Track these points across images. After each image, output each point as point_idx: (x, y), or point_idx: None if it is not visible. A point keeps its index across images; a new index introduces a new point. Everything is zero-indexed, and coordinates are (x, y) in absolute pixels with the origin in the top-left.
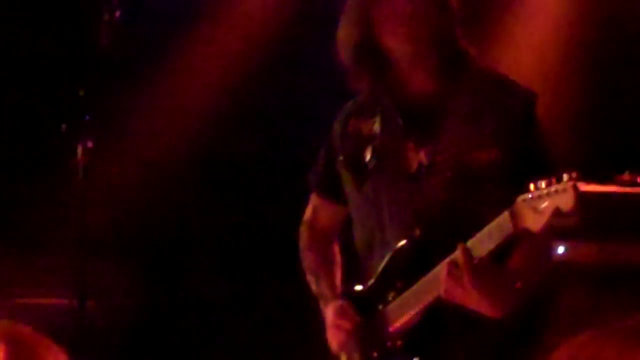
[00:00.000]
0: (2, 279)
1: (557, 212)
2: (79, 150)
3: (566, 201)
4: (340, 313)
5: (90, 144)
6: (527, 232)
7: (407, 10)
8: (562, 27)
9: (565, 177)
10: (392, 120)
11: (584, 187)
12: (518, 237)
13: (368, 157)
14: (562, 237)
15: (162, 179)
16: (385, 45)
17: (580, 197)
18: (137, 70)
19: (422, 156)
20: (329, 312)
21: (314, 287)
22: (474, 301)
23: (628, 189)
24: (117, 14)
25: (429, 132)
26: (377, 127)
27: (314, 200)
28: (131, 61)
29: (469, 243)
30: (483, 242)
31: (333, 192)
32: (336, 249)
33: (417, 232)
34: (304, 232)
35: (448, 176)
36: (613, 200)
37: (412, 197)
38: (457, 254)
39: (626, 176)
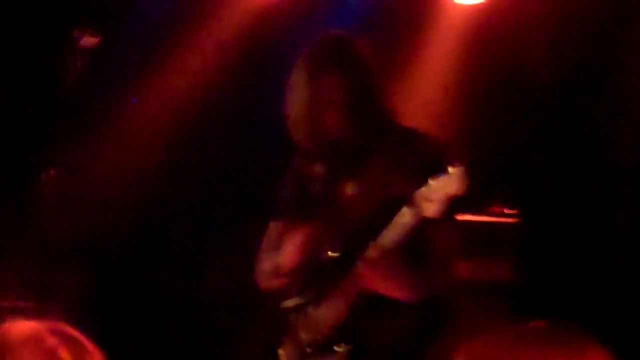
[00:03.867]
0: None
1: (446, 197)
2: (43, 176)
3: (453, 186)
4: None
5: (52, 171)
6: (425, 219)
7: (339, 99)
8: (449, 75)
9: (450, 168)
10: (332, 162)
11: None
12: (419, 226)
13: (313, 191)
14: None
15: (113, 200)
16: (324, 126)
17: (464, 181)
18: (96, 109)
19: (352, 188)
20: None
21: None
22: (388, 287)
23: (497, 219)
24: (79, 64)
25: (359, 170)
26: (321, 169)
27: (269, 229)
28: (91, 102)
29: (378, 239)
30: (389, 235)
31: (285, 213)
32: None
33: (340, 247)
34: (260, 256)
35: (371, 203)
36: (485, 226)
37: (340, 221)
38: (369, 250)
39: (496, 207)
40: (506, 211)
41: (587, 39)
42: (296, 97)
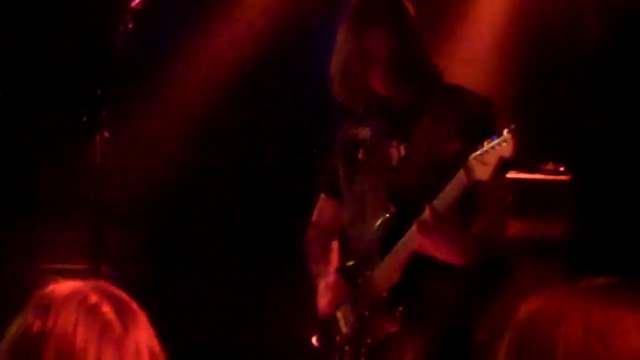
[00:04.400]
0: (28, 247)
1: (501, 160)
2: (97, 138)
3: (507, 149)
4: (332, 286)
5: (106, 134)
6: (479, 182)
7: (387, 54)
8: (499, 32)
9: (505, 131)
10: (380, 125)
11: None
12: (473, 188)
13: (360, 155)
14: None
15: (166, 162)
16: (371, 83)
17: (518, 143)
18: (146, 72)
19: (402, 150)
20: (322, 284)
21: (313, 269)
22: (442, 251)
23: (550, 177)
24: (130, 25)
25: (407, 132)
26: (368, 132)
27: (321, 201)
28: (141, 64)
29: (434, 202)
30: (444, 199)
31: (336, 192)
32: (335, 243)
33: (393, 209)
34: (310, 230)
35: (421, 164)
36: (538, 185)
37: (391, 183)
38: (425, 212)
39: (549, 166)
40: (560, 169)
41: None
42: (342, 54)
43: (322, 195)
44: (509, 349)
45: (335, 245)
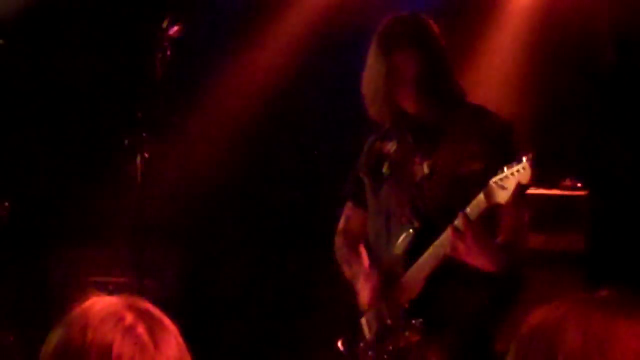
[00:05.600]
0: (77, 261)
1: (519, 186)
2: (138, 159)
3: (525, 176)
4: (372, 278)
5: (146, 155)
6: (498, 205)
7: (413, 74)
8: (519, 52)
9: (524, 158)
10: (405, 141)
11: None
12: (492, 210)
13: (385, 169)
14: None
15: (204, 181)
16: (398, 101)
17: (536, 171)
18: (184, 96)
19: (425, 167)
20: (361, 278)
21: (347, 272)
22: (475, 255)
23: (568, 192)
24: (168, 52)
25: (431, 149)
26: (394, 147)
27: (347, 209)
28: (179, 89)
29: (466, 210)
30: (471, 213)
31: (362, 201)
32: (362, 247)
33: (417, 224)
34: (338, 238)
35: (444, 182)
36: (557, 200)
37: (414, 199)
38: (458, 219)
39: (568, 181)
40: (577, 184)
41: None
42: (371, 73)
43: (349, 203)
44: (514, 359)
45: (363, 248)
